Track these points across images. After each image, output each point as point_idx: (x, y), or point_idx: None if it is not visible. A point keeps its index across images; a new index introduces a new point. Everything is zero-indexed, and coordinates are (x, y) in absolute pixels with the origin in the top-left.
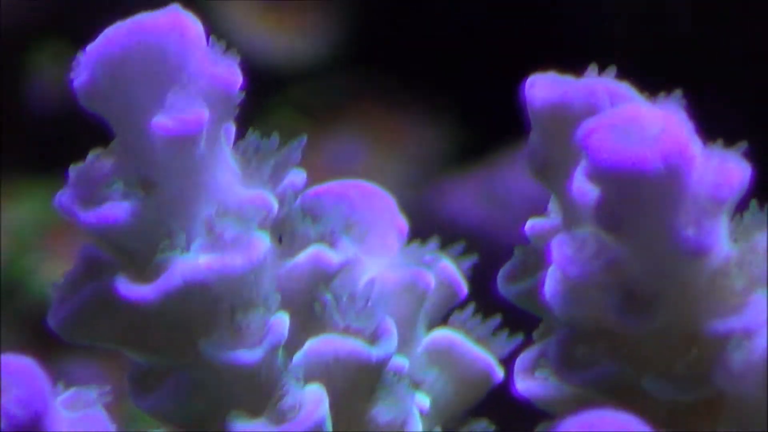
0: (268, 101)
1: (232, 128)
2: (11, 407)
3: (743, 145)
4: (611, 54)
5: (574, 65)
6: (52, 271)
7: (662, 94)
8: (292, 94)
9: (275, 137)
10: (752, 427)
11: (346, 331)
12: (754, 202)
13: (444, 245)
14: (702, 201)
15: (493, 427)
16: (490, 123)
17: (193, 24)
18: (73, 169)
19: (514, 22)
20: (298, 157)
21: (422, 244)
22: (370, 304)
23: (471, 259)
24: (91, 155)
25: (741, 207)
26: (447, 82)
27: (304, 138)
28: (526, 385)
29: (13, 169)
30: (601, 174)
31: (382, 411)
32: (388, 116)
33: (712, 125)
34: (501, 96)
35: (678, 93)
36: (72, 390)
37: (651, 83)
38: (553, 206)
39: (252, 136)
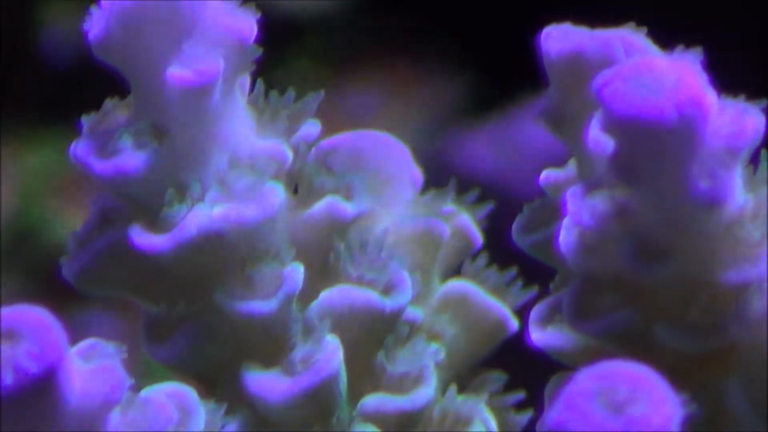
0: (285, 51)
1: (247, 79)
2: (25, 359)
3: (761, 101)
4: (628, 5)
5: (590, 16)
6: (64, 221)
7: (678, 47)
8: (310, 43)
9: (290, 88)
10: (765, 377)
11: (360, 281)
12: (765, 153)
13: (459, 196)
14: (717, 152)
15: (506, 378)
16: (505, 74)
17: None
18: (87, 120)
19: None
20: (313, 109)
21: (437, 195)
22: (384, 254)
23: (485, 210)
24: (106, 106)
25: (755, 158)
26: (464, 32)
27: (320, 90)
28: (540, 335)
29: (27, 120)
30: (616, 125)
31: (396, 361)
32: (404, 66)
33: (728, 78)
34: (517, 47)
35: (694, 46)
36: (87, 340)
37: (667, 36)
38: (568, 157)
39: (268, 87)
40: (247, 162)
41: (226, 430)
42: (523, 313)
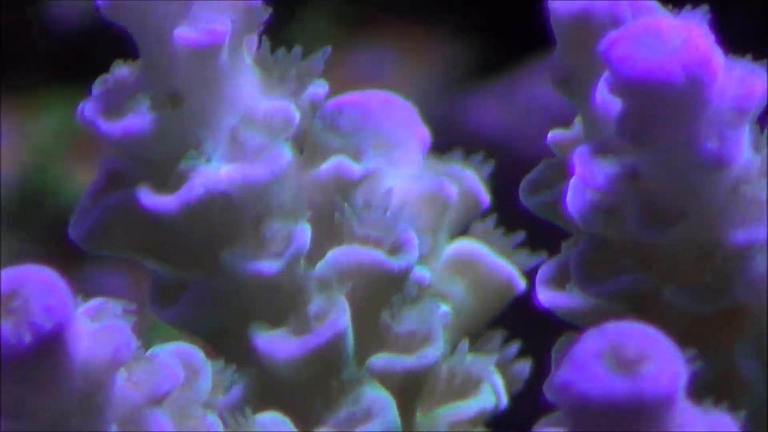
0: (297, 10)
1: (255, 40)
2: (34, 319)
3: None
4: None
5: None
6: (75, 183)
7: (686, 7)
8: (321, 3)
9: (298, 47)
10: None
11: (368, 241)
12: None
13: (466, 156)
14: (724, 112)
15: (514, 339)
16: (514, 34)
17: None
18: (96, 82)
19: None
20: (320, 68)
21: (445, 155)
22: (391, 214)
23: (493, 170)
24: (115, 67)
25: (763, 119)
26: None
27: (327, 49)
28: (548, 295)
29: (37, 81)
30: (623, 86)
31: (404, 321)
32: (413, 27)
33: (736, 38)
34: (526, 7)
35: (701, 6)
36: (94, 300)
37: None
38: (576, 118)
39: (279, 46)
40: (254, 122)
41: (233, 387)
42: (531, 272)
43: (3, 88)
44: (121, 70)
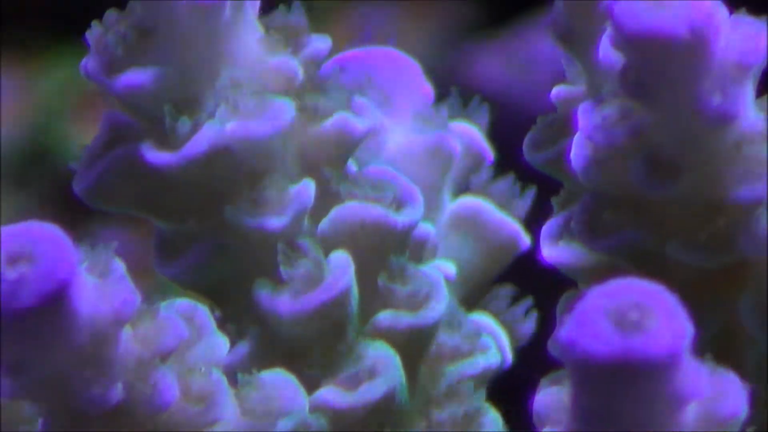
0: None
1: None
2: (38, 275)
3: None
4: None
5: None
6: (82, 138)
7: None
8: None
9: (300, 5)
10: None
11: (371, 197)
12: None
13: (470, 111)
14: (728, 68)
15: (521, 295)
16: None
17: None
18: (93, 35)
19: None
20: (323, 24)
21: (448, 111)
22: (395, 170)
23: (495, 125)
24: (109, 18)
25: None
26: None
27: (329, 5)
28: (552, 251)
29: (43, 37)
30: (626, 41)
31: (408, 278)
32: None
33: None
34: None
35: None
36: (98, 255)
37: None
38: (578, 73)
39: (277, 4)
40: (257, 78)
41: (237, 345)
42: (535, 229)
43: (8, 45)
44: (117, 20)
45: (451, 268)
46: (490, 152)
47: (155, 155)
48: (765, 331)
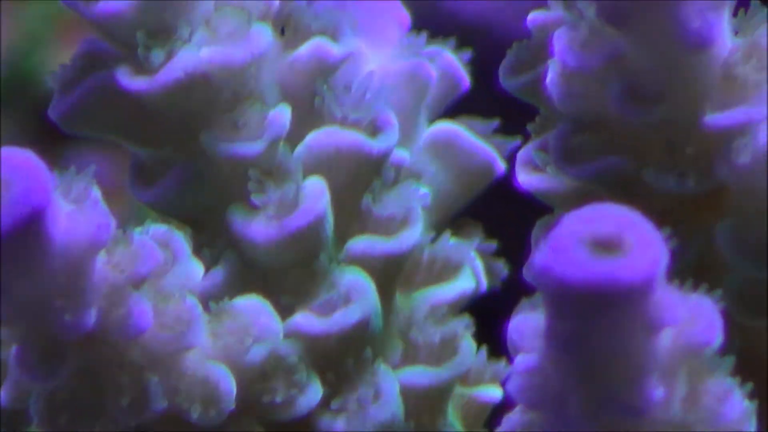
0: None
1: None
2: (12, 201)
3: None
4: None
5: None
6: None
7: None
8: None
9: None
10: (755, 218)
11: (347, 123)
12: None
13: (446, 37)
14: None
15: (493, 223)
16: None
17: None
18: None
19: None
20: None
21: (424, 37)
22: (371, 96)
23: (472, 53)
24: None
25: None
26: None
27: None
28: (527, 178)
29: None
30: None
31: (384, 204)
32: None
33: None
34: None
35: None
36: (72, 180)
37: None
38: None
39: None
40: (233, 4)
41: (212, 271)
42: (510, 156)
43: None
44: None
45: (426, 193)
46: (466, 78)
47: (131, 81)
48: (741, 256)
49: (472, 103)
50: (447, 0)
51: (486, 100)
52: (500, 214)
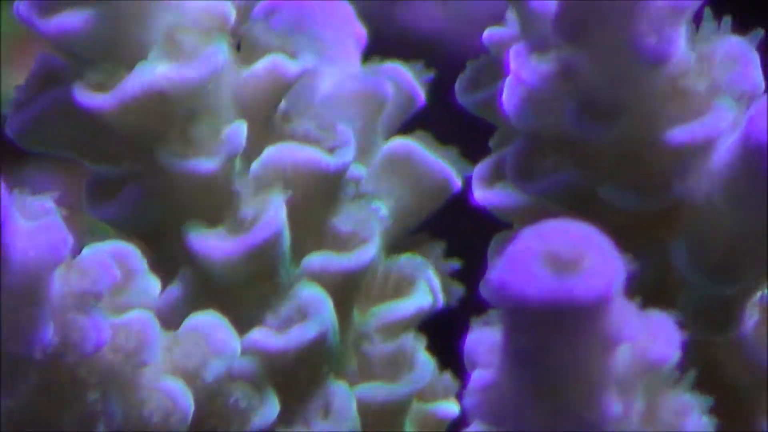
0: None
1: None
2: None
3: None
4: None
5: None
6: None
7: None
8: None
9: None
10: (712, 236)
11: (304, 139)
12: (708, 11)
13: (402, 54)
14: (662, 9)
15: (450, 238)
16: None
17: None
18: None
19: None
20: None
21: (380, 53)
22: (327, 112)
23: (428, 75)
24: None
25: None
26: None
27: None
28: (484, 194)
29: None
30: None
31: (340, 220)
32: None
33: None
34: None
35: None
36: (31, 197)
37: None
38: (511, 15)
39: None
40: (190, 21)
41: (169, 287)
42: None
43: None
44: None
45: (383, 209)
46: (421, 94)
47: (87, 98)
48: (697, 273)
49: (428, 119)
50: (403, 16)
51: (442, 115)
52: (456, 230)
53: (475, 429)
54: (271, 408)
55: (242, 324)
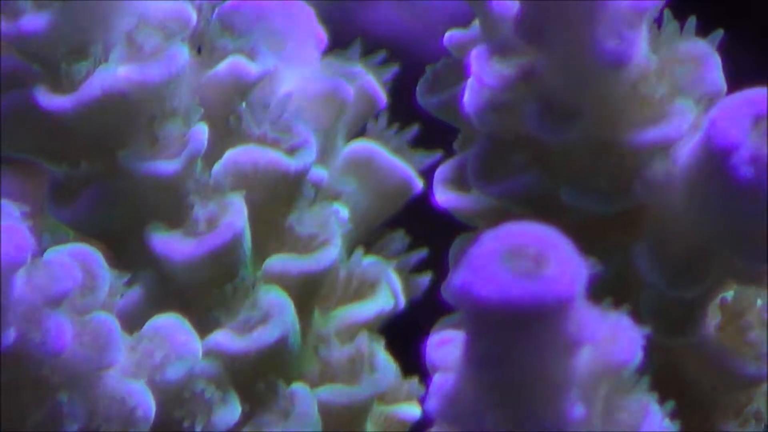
0: None
1: None
2: None
3: None
4: None
5: None
6: None
7: None
8: None
9: None
10: (673, 238)
11: (264, 141)
12: (668, 12)
13: (363, 56)
14: (622, 12)
15: (409, 239)
16: None
17: None
18: None
19: None
20: None
21: (342, 56)
22: (288, 114)
23: (390, 71)
24: None
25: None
26: None
27: None
28: (445, 196)
29: None
30: None
31: (301, 222)
32: None
33: None
34: None
35: None
36: None
37: None
38: (474, 18)
39: None
40: (151, 23)
41: (131, 289)
42: (429, 173)
43: None
44: None
45: (344, 211)
46: (383, 97)
47: (49, 100)
48: (658, 274)
49: (389, 120)
50: (363, 18)
51: (403, 117)
52: (417, 232)
53: (438, 430)
54: (232, 410)
55: (203, 326)
